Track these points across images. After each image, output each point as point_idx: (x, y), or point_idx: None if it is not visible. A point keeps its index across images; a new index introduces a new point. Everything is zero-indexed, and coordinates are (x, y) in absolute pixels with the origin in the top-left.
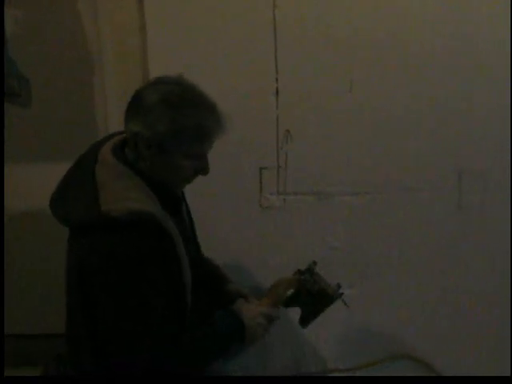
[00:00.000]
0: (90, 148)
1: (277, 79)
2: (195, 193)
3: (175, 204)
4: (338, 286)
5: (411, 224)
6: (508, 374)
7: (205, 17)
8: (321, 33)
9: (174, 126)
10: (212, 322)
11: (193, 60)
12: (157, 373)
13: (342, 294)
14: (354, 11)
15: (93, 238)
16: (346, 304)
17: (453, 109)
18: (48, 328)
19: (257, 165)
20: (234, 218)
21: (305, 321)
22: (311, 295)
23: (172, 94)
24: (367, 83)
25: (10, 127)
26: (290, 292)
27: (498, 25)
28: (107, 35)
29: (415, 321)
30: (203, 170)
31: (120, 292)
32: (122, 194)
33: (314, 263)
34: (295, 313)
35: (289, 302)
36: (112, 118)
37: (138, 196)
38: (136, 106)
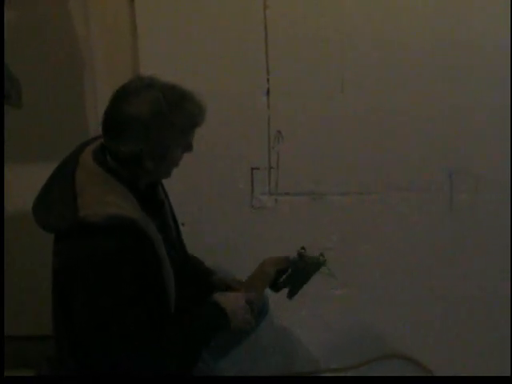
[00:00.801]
0: (74, 150)
1: (268, 80)
2: (187, 194)
3: (157, 207)
4: (321, 255)
5: (403, 224)
6: (502, 373)
7: (196, 18)
8: (312, 33)
9: (173, 131)
10: (192, 315)
11: (184, 61)
12: (141, 371)
13: (325, 260)
14: (344, 11)
15: (71, 243)
16: (330, 271)
17: (444, 109)
18: (47, 330)
19: (248, 165)
20: (225, 219)
21: (292, 293)
22: (300, 272)
23: (159, 102)
24: (359, 83)
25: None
26: (282, 278)
27: (495, 25)
28: (98, 36)
29: (408, 320)
30: (190, 149)
31: (99, 295)
32: (101, 199)
33: (303, 248)
34: (286, 311)
35: (280, 286)
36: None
37: (117, 201)
38: (127, 125)
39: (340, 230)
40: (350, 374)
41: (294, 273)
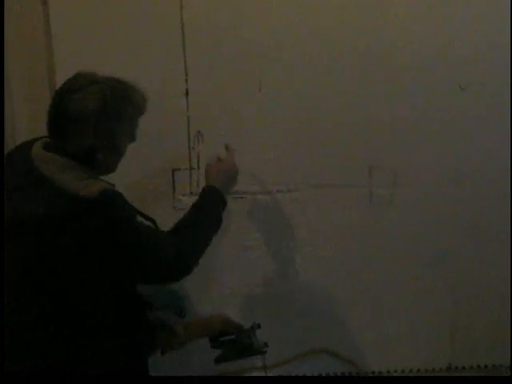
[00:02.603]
0: (15, 153)
1: (186, 80)
2: None
3: None
4: (266, 345)
5: (325, 220)
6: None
7: (111, 18)
8: (229, 33)
9: (121, 122)
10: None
11: (100, 61)
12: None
13: (265, 352)
14: (261, 12)
15: (83, 221)
16: (264, 368)
17: (362, 106)
18: None
19: (169, 166)
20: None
21: (221, 359)
22: (240, 346)
23: (104, 95)
24: (276, 82)
25: None
26: (225, 338)
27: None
28: (11, 37)
29: (334, 316)
30: (134, 139)
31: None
32: (85, 181)
33: (259, 326)
34: (207, 310)
35: (216, 345)
36: (19, 117)
37: (97, 180)
38: (75, 122)
39: (263, 229)
40: (276, 370)
41: (235, 343)
